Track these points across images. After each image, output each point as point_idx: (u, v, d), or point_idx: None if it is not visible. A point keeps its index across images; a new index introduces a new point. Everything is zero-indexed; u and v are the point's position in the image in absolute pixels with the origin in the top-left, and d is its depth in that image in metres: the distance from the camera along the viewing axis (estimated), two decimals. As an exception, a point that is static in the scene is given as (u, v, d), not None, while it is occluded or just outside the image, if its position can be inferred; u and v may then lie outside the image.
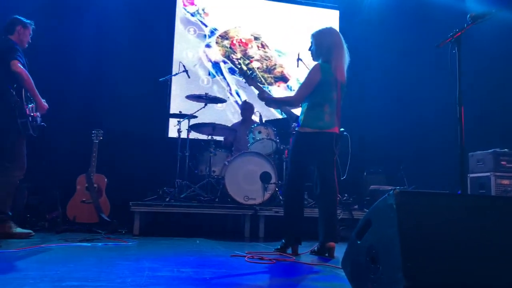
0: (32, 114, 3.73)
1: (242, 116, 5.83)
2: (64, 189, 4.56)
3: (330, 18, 7.23)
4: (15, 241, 3.41)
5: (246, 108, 5.79)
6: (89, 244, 3.42)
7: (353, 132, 6.67)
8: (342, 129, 3.75)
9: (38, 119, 3.83)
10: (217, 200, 4.63)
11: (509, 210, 1.67)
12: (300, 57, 5.56)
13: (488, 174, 5.08)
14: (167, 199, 4.53)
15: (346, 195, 5.08)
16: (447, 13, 5.77)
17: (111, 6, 6.02)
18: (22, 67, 3.56)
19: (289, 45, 6.93)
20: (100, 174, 4.57)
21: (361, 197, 5.31)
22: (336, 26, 7.22)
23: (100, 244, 3.47)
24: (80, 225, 4.28)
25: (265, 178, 4.52)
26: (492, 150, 5.13)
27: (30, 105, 3.73)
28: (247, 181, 4.50)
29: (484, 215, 1.63)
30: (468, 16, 2.60)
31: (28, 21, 3.87)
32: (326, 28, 3.77)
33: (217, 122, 5.19)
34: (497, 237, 1.60)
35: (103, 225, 4.25)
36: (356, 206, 4.86)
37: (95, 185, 4.46)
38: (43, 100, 3.80)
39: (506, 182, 5.19)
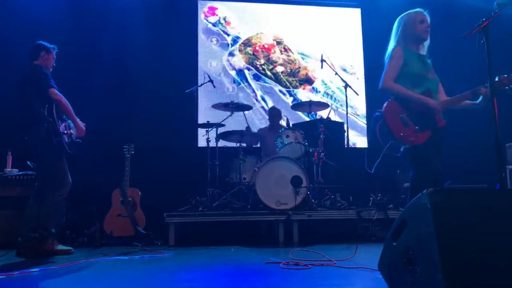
0: (66, 131, 3.84)
1: (270, 122, 5.84)
2: (100, 204, 4.67)
3: (351, 17, 7.16)
4: (58, 257, 3.52)
5: (274, 115, 5.79)
6: (126, 258, 3.49)
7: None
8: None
9: (73, 136, 3.93)
10: (249, 206, 4.64)
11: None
12: (323, 58, 5.54)
13: (517, 166, 4.90)
14: (200, 209, 4.58)
15: (379, 194, 4.99)
16: (473, 7, 5.62)
17: (134, 21, 6.17)
18: (59, 93, 3.69)
19: (312, 47, 6.91)
20: (134, 188, 4.66)
21: (396, 196, 5.20)
22: (358, 24, 7.14)
23: (137, 257, 3.54)
24: (118, 239, 4.38)
25: (295, 182, 4.50)
26: (508, 144, 4.95)
27: (63, 123, 3.84)
28: (278, 186, 4.49)
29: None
30: (496, 3, 2.53)
31: (52, 45, 3.99)
32: None
33: (244, 129, 5.21)
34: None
35: (139, 238, 4.33)
36: (391, 206, 4.76)
37: (129, 199, 4.56)
38: (81, 123, 3.91)
39: None
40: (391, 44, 3.12)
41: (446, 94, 3.06)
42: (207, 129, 5.25)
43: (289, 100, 6.70)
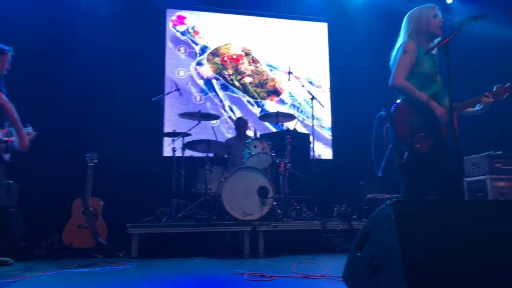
0: (5, 139, 3.66)
1: (237, 132, 5.83)
2: (59, 215, 4.50)
3: (318, 31, 7.30)
4: (9, 269, 3.35)
5: (241, 125, 5.79)
6: (86, 270, 3.36)
7: (348, 141, 6.75)
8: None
9: (15, 144, 3.70)
10: (214, 217, 4.60)
11: (506, 214, 1.67)
12: (291, 71, 5.61)
13: (483, 177, 5.09)
14: (164, 219, 4.49)
15: (344, 205, 5.07)
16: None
17: (100, 27, 6.05)
18: (5, 98, 3.53)
19: (280, 59, 6.99)
20: (96, 198, 4.52)
21: (359, 207, 5.29)
22: (324, 38, 7.29)
23: (97, 269, 3.41)
24: (77, 251, 4.22)
25: (262, 192, 4.50)
26: (486, 153, 5.15)
27: (3, 130, 3.66)
28: (244, 196, 4.48)
29: (482, 221, 1.63)
30: (454, 21, 2.63)
31: (7, 48, 3.82)
32: None
33: (211, 139, 5.18)
34: (497, 242, 1.59)
35: (100, 249, 4.18)
36: (354, 216, 4.84)
37: (91, 209, 4.41)
38: (27, 132, 3.73)
39: (502, 184, 5.20)
40: (401, 39, 2.86)
41: None
42: (173, 138, 5.19)
43: (257, 110, 6.73)
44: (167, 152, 5.98)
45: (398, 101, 2.77)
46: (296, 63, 6.64)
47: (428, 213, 1.59)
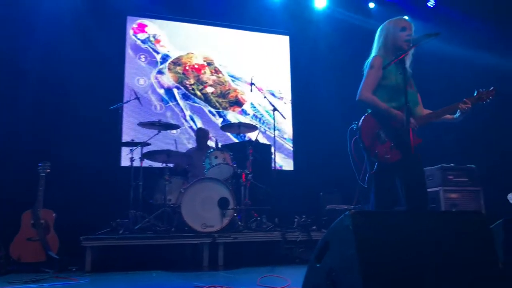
0: None
1: (197, 142, 5.76)
2: (7, 227, 4.25)
3: (280, 44, 7.39)
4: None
5: (202, 135, 5.72)
6: (35, 286, 3.18)
7: (308, 152, 6.83)
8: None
9: None
10: (173, 229, 4.49)
11: (458, 224, 1.72)
12: (253, 82, 5.63)
13: (437, 189, 5.27)
14: (121, 232, 4.35)
15: (304, 216, 5.10)
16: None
17: (60, 31, 5.86)
18: None
19: (242, 70, 7.01)
20: (48, 209, 4.31)
21: (319, 217, 5.34)
22: (286, 51, 7.39)
23: (47, 284, 3.25)
24: (26, 265, 4.00)
25: (223, 203, 4.45)
26: (440, 165, 5.34)
27: None
28: (204, 208, 4.41)
29: (436, 230, 1.66)
30: (411, 39, 2.73)
31: None
32: None
33: (171, 149, 5.08)
34: (451, 251, 1.63)
35: (51, 264, 3.99)
36: (314, 227, 4.87)
37: (42, 221, 4.20)
38: None
39: (454, 195, 5.41)
40: (372, 53, 2.88)
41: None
42: (131, 147, 5.04)
43: (219, 121, 6.69)
44: (125, 162, 5.81)
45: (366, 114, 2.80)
46: (259, 74, 6.67)
47: (387, 224, 1.60)
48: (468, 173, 5.61)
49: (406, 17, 2.88)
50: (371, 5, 7.34)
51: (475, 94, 2.75)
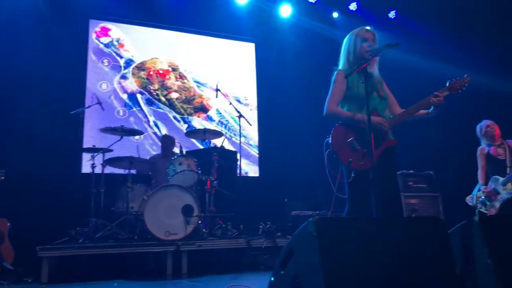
0: None
1: (162, 149, 5.65)
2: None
3: (246, 51, 7.42)
4: None
5: (167, 142, 5.62)
6: (-13, 299, 3.02)
7: (274, 159, 6.86)
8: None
9: None
10: (136, 237, 4.38)
11: (418, 230, 1.76)
12: (219, 88, 5.61)
13: (395, 194, 5.40)
14: (80, 241, 4.20)
15: (269, 222, 5.10)
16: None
17: (17, 32, 5.64)
18: None
19: (208, 76, 6.97)
20: (2, 218, 4.11)
21: (284, 224, 5.37)
22: (252, 58, 7.43)
23: (0, 297, 3.09)
24: (-23, 277, 3.79)
25: (187, 211, 4.38)
26: (400, 172, 5.49)
27: None
28: (168, 215, 4.33)
29: (398, 236, 1.70)
30: (372, 49, 2.79)
31: None
32: None
33: (134, 155, 4.98)
34: (412, 256, 1.67)
35: (6, 275, 3.79)
36: (279, 233, 4.88)
37: (-5, 231, 4.00)
38: None
39: (414, 201, 5.58)
40: (339, 66, 2.93)
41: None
42: (92, 154, 4.90)
43: (183, 127, 6.62)
44: (85, 168, 5.64)
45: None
46: (224, 80, 6.66)
47: (351, 230, 1.63)
48: (427, 179, 5.81)
49: (369, 27, 2.96)
50: (335, 15, 7.50)
51: (447, 85, 2.78)
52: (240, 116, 5.59)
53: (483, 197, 4.49)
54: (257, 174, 7.01)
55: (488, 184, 4.50)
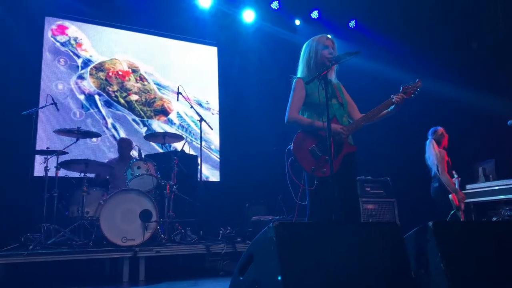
0: None
1: (119, 152, 5.51)
2: None
3: (209, 55, 7.39)
4: None
5: (124, 146, 5.48)
6: None
7: (235, 163, 6.85)
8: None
9: None
10: (91, 243, 4.23)
11: (375, 235, 1.80)
12: (180, 91, 5.53)
13: (356, 200, 5.52)
14: (31, 247, 4.00)
15: (229, 227, 5.07)
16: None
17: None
18: None
19: (169, 78, 6.88)
20: None
21: (244, 229, 5.35)
22: (214, 62, 7.40)
23: None
24: None
25: (145, 216, 4.28)
26: (358, 177, 5.61)
27: None
28: (125, 220, 4.21)
29: (356, 241, 1.73)
30: (332, 57, 2.84)
31: None
32: None
33: (91, 158, 4.81)
34: (369, 260, 1.70)
35: None
36: (239, 239, 4.86)
37: None
38: None
39: (371, 206, 5.71)
40: (297, 73, 2.96)
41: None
42: (46, 156, 4.70)
43: (143, 130, 6.48)
44: (38, 171, 5.40)
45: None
46: (186, 83, 6.57)
47: (310, 235, 1.63)
48: (384, 185, 5.98)
49: (329, 35, 3.01)
50: (297, 22, 7.61)
51: (400, 90, 2.84)
52: (202, 120, 5.54)
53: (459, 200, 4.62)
54: (217, 179, 6.96)
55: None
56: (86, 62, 6.35)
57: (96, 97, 6.30)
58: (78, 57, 6.32)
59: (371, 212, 5.65)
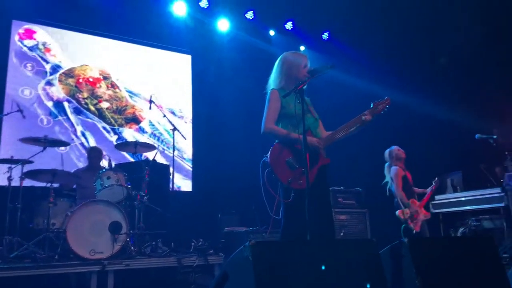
0: None
1: (89, 162, 5.34)
2: None
3: (182, 63, 7.32)
4: None
5: (94, 155, 5.31)
6: None
7: (208, 173, 6.76)
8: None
9: None
10: (56, 257, 4.05)
11: (352, 252, 1.78)
12: (152, 99, 5.43)
13: (328, 211, 5.54)
14: (-8, 261, 3.81)
15: (201, 239, 4.97)
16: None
17: None
18: None
19: (141, 86, 6.76)
20: None
21: (216, 241, 5.27)
22: (188, 70, 7.33)
23: None
24: None
25: (114, 228, 4.15)
26: (331, 188, 5.64)
27: None
28: (93, 232, 4.07)
29: (333, 259, 1.71)
30: (308, 70, 2.86)
31: None
32: None
33: (58, 168, 4.64)
34: (346, 277, 1.68)
35: None
36: (211, 251, 4.77)
37: None
38: None
39: (343, 217, 5.75)
40: (271, 85, 2.98)
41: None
42: (10, 165, 4.50)
43: (113, 138, 6.33)
44: (1, 181, 5.16)
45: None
46: (159, 91, 6.50)
47: (287, 254, 1.60)
48: (356, 195, 6.04)
49: (303, 47, 3.03)
50: (272, 32, 7.65)
51: (371, 106, 2.90)
52: (174, 129, 5.45)
53: (410, 213, 4.77)
54: (190, 189, 6.86)
55: (410, 205, 4.80)
56: (55, 68, 6.16)
57: (65, 104, 6.11)
58: (47, 62, 6.12)
59: (343, 223, 5.69)
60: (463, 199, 6.18)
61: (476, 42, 6.40)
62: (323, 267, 1.63)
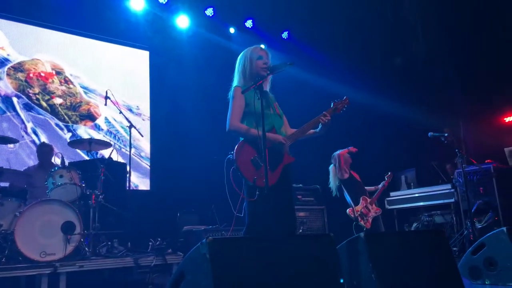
0: None
1: (39, 159, 5.11)
2: None
3: (140, 59, 7.15)
4: None
5: (45, 152, 5.08)
6: None
7: (166, 171, 6.64)
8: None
9: None
10: (4, 259, 3.85)
11: (310, 247, 1.79)
12: (108, 95, 5.26)
13: (287, 208, 5.58)
14: None
15: (159, 239, 4.88)
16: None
17: None
18: None
19: (97, 82, 6.54)
20: None
21: (175, 240, 5.19)
22: (146, 66, 7.17)
23: None
24: None
25: (67, 228, 3.98)
26: (291, 186, 5.69)
27: None
28: (45, 233, 3.89)
29: (291, 254, 1.71)
30: (268, 67, 2.86)
31: None
32: None
33: (5, 166, 4.41)
34: (304, 272, 1.69)
35: None
36: (170, 250, 4.69)
37: None
38: None
39: (302, 214, 5.82)
40: (234, 82, 2.96)
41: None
42: (-48, 164, 4.23)
43: (67, 135, 6.08)
44: None
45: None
46: (115, 87, 6.30)
47: (245, 250, 1.59)
48: (314, 192, 6.13)
49: (263, 46, 3.04)
50: (232, 30, 7.62)
51: (331, 106, 2.95)
52: (131, 126, 5.30)
53: (360, 211, 4.91)
54: (148, 188, 6.72)
55: (360, 203, 4.95)
56: (3, 62, 5.84)
57: (14, 99, 5.81)
58: (-6, 55, 5.80)
59: (302, 220, 5.75)
60: (416, 195, 6.41)
61: (430, 42, 6.65)
62: (281, 263, 1.63)
